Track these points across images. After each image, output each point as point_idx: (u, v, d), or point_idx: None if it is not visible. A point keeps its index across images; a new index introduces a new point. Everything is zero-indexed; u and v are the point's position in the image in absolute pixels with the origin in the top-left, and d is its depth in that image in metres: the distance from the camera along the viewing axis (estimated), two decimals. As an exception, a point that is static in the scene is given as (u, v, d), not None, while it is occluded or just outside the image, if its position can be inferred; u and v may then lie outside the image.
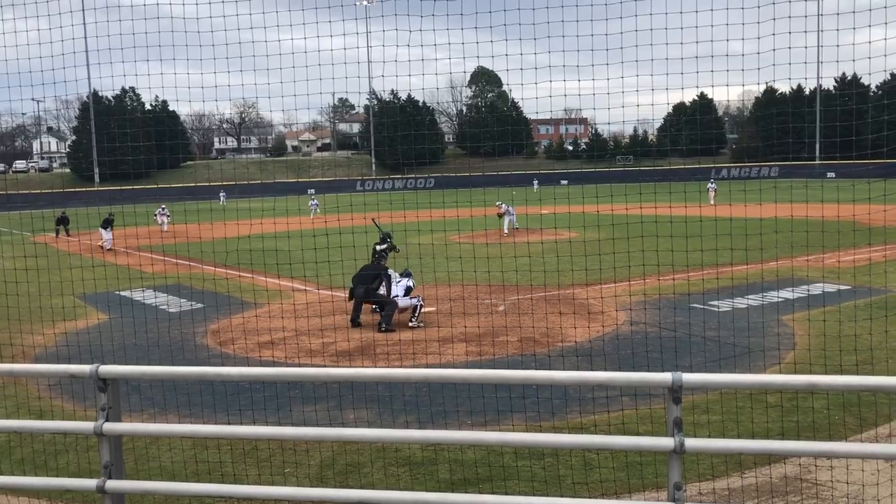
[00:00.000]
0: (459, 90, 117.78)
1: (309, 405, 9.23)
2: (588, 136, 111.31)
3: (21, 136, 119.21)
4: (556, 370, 10.28)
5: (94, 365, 4.63)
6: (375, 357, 12.09)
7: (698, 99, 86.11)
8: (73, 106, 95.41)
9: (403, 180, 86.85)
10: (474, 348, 12.34)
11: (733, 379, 4.45)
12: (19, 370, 7.07)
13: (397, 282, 14.89)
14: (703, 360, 10.92)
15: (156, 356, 12.33)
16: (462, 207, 14.89)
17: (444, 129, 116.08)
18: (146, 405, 9.48)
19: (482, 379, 4.41)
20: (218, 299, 17.58)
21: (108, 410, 4.57)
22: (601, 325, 13.74)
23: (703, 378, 4.21)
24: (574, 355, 11.58)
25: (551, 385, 4.07)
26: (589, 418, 8.55)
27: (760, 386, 5.21)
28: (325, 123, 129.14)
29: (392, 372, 4.81)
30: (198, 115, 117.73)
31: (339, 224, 12.25)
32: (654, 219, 10.53)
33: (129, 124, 79.01)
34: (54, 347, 13.51)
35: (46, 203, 50.22)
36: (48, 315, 15.42)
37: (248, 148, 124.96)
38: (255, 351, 12.86)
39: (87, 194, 65.38)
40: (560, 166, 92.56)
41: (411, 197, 42.42)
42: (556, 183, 69.90)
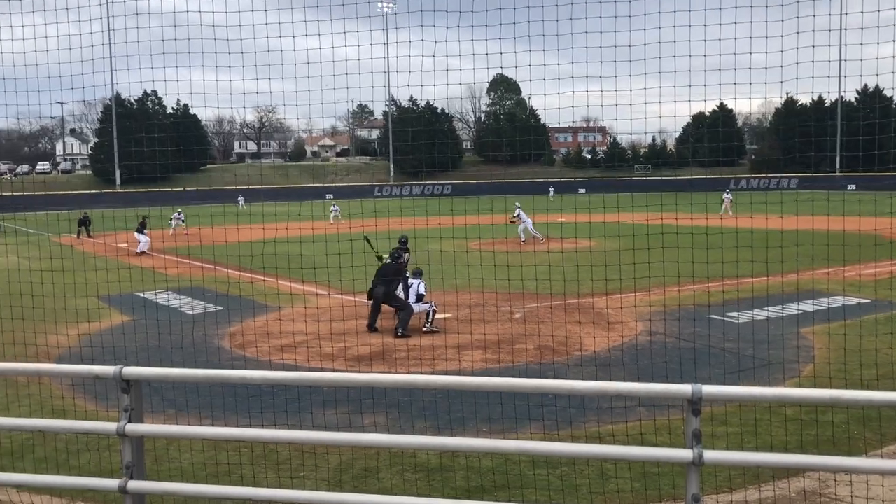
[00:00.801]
0: (478, 98, 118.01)
1: (326, 408, 9.28)
2: (606, 144, 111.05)
3: (45, 138, 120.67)
4: (574, 379, 10.29)
5: (118, 366, 4.70)
6: (392, 362, 12.13)
7: (718, 109, 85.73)
8: (95, 108, 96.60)
9: (421, 186, 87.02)
10: (491, 355, 12.35)
11: (754, 392, 4.43)
12: (45, 370, 7.17)
13: (409, 284, 14.95)
14: (722, 372, 10.87)
15: (176, 358, 12.43)
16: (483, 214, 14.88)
17: (462, 136, 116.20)
18: (165, 406, 9.57)
19: (502, 387, 4.43)
20: (237, 302, 17.71)
21: (130, 411, 4.63)
22: (619, 335, 13.70)
23: (724, 391, 4.21)
24: (591, 365, 11.56)
25: (570, 395, 4.08)
26: (606, 428, 8.53)
27: (781, 399, 5.19)
28: (345, 129, 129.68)
29: (411, 378, 4.85)
30: (218, 120, 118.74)
31: (361, 229, 12.32)
32: (675, 229, 10.51)
33: (151, 128, 79.83)
34: (77, 347, 13.66)
35: (69, 204, 50.77)
36: (70, 316, 15.59)
37: (268, 152, 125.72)
38: (273, 354, 12.94)
39: (109, 196, 66.06)
40: (578, 175, 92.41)
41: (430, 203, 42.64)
42: (573, 191, 69.82)
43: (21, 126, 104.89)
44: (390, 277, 14.77)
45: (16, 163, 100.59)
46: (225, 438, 5.48)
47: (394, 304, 14.69)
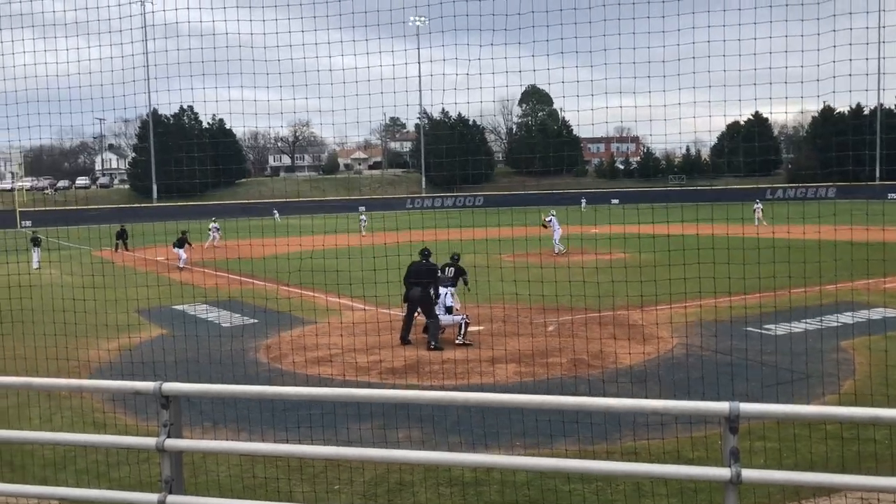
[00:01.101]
0: (510, 109, 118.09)
1: (361, 422, 9.32)
2: (640, 154, 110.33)
3: (84, 154, 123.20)
4: (609, 394, 10.21)
5: (157, 382, 4.78)
6: (424, 375, 12.14)
7: (753, 118, 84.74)
8: (133, 124, 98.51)
9: (453, 198, 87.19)
10: (524, 368, 12.31)
11: (793, 410, 4.37)
12: (87, 386, 7.32)
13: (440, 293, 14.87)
14: (759, 386, 10.71)
15: (213, 371, 12.57)
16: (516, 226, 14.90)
17: (493, 147, 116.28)
18: (203, 419, 9.68)
19: (536, 404, 4.42)
20: (272, 315, 17.87)
21: (169, 427, 4.71)
22: (654, 349, 13.58)
23: (762, 408, 4.16)
24: (626, 378, 11.46)
25: (605, 412, 4.06)
26: (642, 443, 8.45)
27: (820, 418, 5.08)
28: (377, 142, 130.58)
29: (445, 395, 4.86)
30: (253, 134, 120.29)
31: (396, 242, 12.38)
32: (711, 241, 10.41)
33: (188, 143, 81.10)
34: (117, 360, 13.90)
35: (108, 218, 51.68)
36: (109, 329, 15.87)
37: (302, 166, 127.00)
38: (308, 367, 13.04)
39: (146, 210, 67.20)
40: (611, 185, 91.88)
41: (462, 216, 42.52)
42: (606, 202, 69.42)
43: (62, 142, 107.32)
44: (425, 279, 14.64)
45: (56, 178, 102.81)
46: (262, 454, 5.54)
47: (427, 307, 14.60)
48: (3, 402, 10.61)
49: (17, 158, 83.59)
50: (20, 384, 6.60)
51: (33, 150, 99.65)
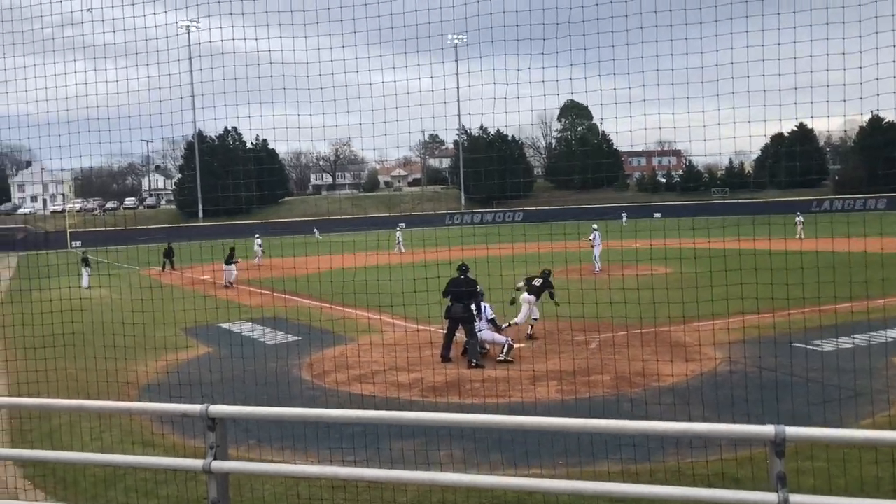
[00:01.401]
0: (549, 124, 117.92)
1: (403, 440, 9.36)
2: (682, 167, 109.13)
3: (131, 175, 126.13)
4: (652, 414, 10.09)
5: (204, 405, 4.88)
6: (466, 393, 12.14)
7: (797, 129, 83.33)
8: (179, 145, 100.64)
9: (492, 214, 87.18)
10: (565, 387, 12.24)
11: (841, 434, 4.29)
12: (136, 408, 7.49)
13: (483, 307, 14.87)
14: (806, 404, 10.48)
15: (258, 390, 12.74)
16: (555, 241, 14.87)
17: (532, 162, 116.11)
18: (247, 437, 9.81)
19: (577, 428, 4.42)
20: (315, 333, 18.06)
21: (215, 449, 4.80)
22: (697, 366, 13.39)
23: (809, 432, 4.09)
24: (670, 398, 11.31)
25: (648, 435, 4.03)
26: (686, 463, 8.33)
27: (870, 443, 4.95)
28: (416, 159, 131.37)
29: (485, 418, 4.88)
30: (295, 153, 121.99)
31: (435, 258, 12.43)
32: (753, 252, 10.26)
33: (232, 163, 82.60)
34: (166, 380, 14.16)
35: (155, 238, 52.77)
36: (156, 348, 16.19)
37: (343, 184, 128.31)
38: (350, 385, 13.14)
39: (191, 229, 68.43)
40: (653, 199, 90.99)
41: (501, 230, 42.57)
42: (648, 216, 68.77)
43: (111, 164, 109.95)
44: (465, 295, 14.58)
45: (105, 199, 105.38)
46: (308, 476, 5.60)
47: (467, 325, 14.58)
48: (56, 421, 10.88)
49: (68, 181, 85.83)
50: (73, 406, 6.78)
51: (83, 172, 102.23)
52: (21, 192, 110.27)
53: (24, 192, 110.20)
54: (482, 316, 14.78)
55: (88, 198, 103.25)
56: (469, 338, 14.56)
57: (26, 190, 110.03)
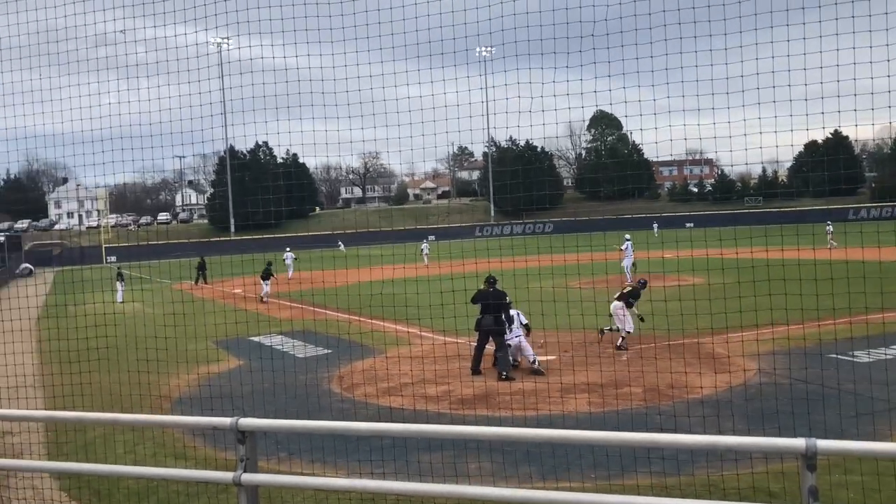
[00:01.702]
0: (578, 134, 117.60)
1: (432, 453, 9.34)
2: (714, 177, 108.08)
3: (165, 190, 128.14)
4: (685, 426, 9.97)
5: (234, 418, 4.92)
6: (495, 406, 12.09)
7: (832, 137, 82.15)
8: (211, 160, 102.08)
9: (522, 225, 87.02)
10: (596, 399, 12.14)
11: (873, 447, 4.19)
12: (168, 422, 7.58)
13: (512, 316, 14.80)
14: (840, 416, 10.28)
15: (288, 403, 12.82)
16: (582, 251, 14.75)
17: (562, 173, 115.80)
18: (277, 450, 9.87)
19: (606, 441, 4.37)
20: (344, 345, 18.14)
21: (245, 461, 4.83)
22: (730, 377, 13.20)
23: (841, 445, 4.01)
24: (703, 410, 11.16)
25: (677, 448, 3.97)
26: (718, 476, 8.21)
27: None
28: (445, 171, 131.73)
29: (514, 431, 4.85)
30: (325, 167, 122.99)
31: (462, 270, 12.44)
32: (781, 262, 10.11)
33: (263, 177, 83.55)
34: (198, 392, 14.31)
35: (188, 252, 53.43)
36: (189, 361, 16.38)
37: (373, 197, 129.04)
38: (380, 397, 13.16)
39: (223, 244, 69.23)
40: (685, 208, 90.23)
41: (531, 242, 42.39)
42: (680, 226, 68.16)
43: (144, 180, 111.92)
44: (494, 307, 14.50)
45: (139, 214, 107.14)
46: (336, 489, 5.61)
47: (497, 338, 14.53)
48: (91, 434, 11.05)
49: (103, 196, 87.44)
50: (108, 419, 6.88)
51: (117, 187, 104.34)
52: (57, 209, 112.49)
53: (61, 209, 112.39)
54: (513, 325, 14.73)
55: (123, 213, 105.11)
56: (498, 350, 14.51)
57: (62, 206, 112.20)
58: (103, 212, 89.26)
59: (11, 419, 10.38)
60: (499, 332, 14.45)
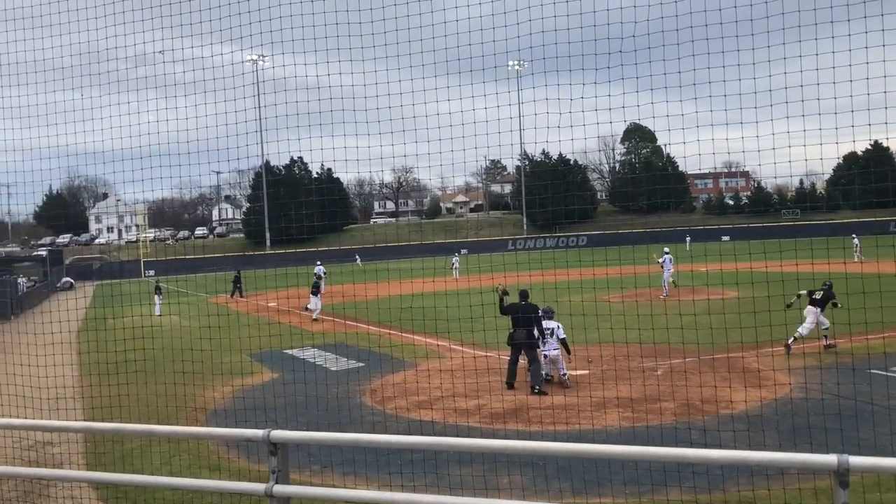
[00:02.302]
0: (612, 147, 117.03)
1: (462, 467, 9.34)
2: (750, 189, 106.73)
3: (202, 205, 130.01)
4: (722, 442, 9.85)
5: (266, 430, 4.99)
6: (528, 420, 12.05)
7: (871, 148, 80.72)
8: (248, 176, 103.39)
9: (555, 239, 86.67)
10: (629, 414, 12.04)
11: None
12: (203, 433, 7.69)
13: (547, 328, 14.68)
14: (875, 432, 10.06)
15: (321, 415, 12.91)
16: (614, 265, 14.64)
17: (596, 186, 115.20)
18: (310, 462, 9.93)
19: (640, 456, 4.36)
20: (377, 358, 18.21)
21: (277, 473, 4.89)
22: (769, 393, 13.01)
23: (873, 462, 3.94)
24: (740, 425, 11.01)
25: (706, 463, 3.94)
26: (751, 493, 8.08)
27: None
28: (478, 185, 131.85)
29: (547, 445, 4.86)
30: (359, 181, 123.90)
31: (490, 283, 12.45)
32: (812, 276, 9.95)
33: (298, 192, 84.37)
34: (233, 404, 14.47)
35: (224, 266, 54.16)
36: (224, 373, 16.57)
37: (405, 211, 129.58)
38: (410, 411, 13.18)
39: (259, 257, 70.02)
40: (721, 221, 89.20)
41: (564, 255, 42.19)
42: (716, 239, 67.39)
43: (182, 195, 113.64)
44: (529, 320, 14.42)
45: (177, 229, 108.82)
46: (366, 501, 5.66)
47: (530, 352, 14.46)
48: (128, 445, 11.24)
49: (142, 211, 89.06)
50: (144, 431, 7.01)
51: (156, 202, 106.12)
52: (98, 224, 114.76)
53: (101, 224, 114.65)
54: (547, 338, 14.60)
55: (161, 228, 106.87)
56: (531, 364, 14.47)
57: (103, 221, 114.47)
58: (142, 226, 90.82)
59: (52, 430, 10.62)
60: (531, 346, 14.40)
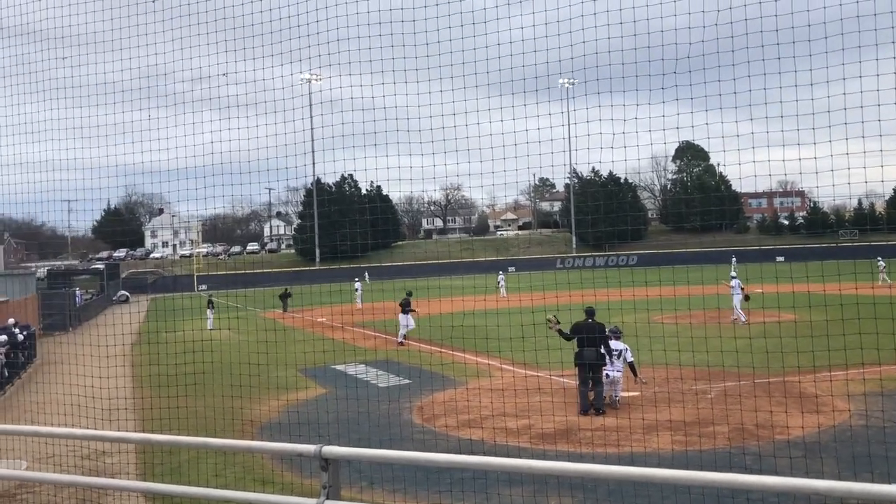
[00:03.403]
0: (663, 165, 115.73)
1: (512, 487, 9.28)
2: (806, 209, 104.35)
3: (254, 221, 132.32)
4: (778, 468, 9.60)
5: (318, 445, 5.04)
6: (577, 442, 11.92)
7: (935, 166, 78.20)
8: (299, 193, 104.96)
9: (605, 258, 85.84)
10: (681, 437, 11.81)
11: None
12: (255, 447, 7.80)
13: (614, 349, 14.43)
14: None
15: (370, 432, 12.97)
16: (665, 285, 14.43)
17: (647, 205, 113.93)
18: (360, 478, 9.98)
19: (689, 481, 4.28)
20: (425, 375, 18.23)
21: (328, 489, 4.93)
22: (828, 419, 12.64)
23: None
24: (797, 452, 10.72)
25: (761, 490, 3.84)
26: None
27: None
28: (526, 202, 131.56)
29: (596, 468, 4.80)
30: (408, 199, 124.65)
31: (543, 302, 12.38)
32: (873, 300, 9.67)
33: (348, 209, 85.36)
34: (283, 419, 14.63)
35: (276, 281, 54.92)
36: (274, 388, 16.78)
37: (453, 228, 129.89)
38: (459, 430, 13.15)
39: (311, 273, 70.84)
40: (775, 242, 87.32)
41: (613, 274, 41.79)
42: (770, 260, 65.95)
43: (234, 211, 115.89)
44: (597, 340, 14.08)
45: (229, 244, 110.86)
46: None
47: (597, 373, 14.03)
48: (183, 456, 11.44)
49: (196, 227, 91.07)
50: (199, 444, 7.14)
51: (209, 218, 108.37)
52: (153, 238, 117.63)
53: (156, 238, 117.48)
54: (614, 359, 14.28)
55: (214, 243, 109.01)
56: (596, 385, 14.13)
57: (158, 236, 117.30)
58: (196, 242, 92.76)
59: (110, 440, 10.86)
60: (599, 366, 14.07)
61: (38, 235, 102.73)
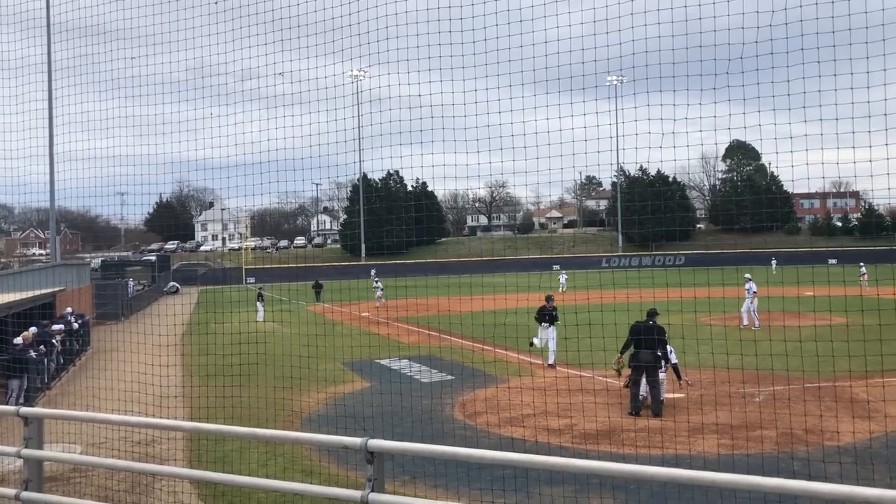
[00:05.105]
0: (713, 164, 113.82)
1: (552, 486, 9.27)
2: (860, 211, 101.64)
3: (301, 216, 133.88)
4: (828, 475, 9.42)
5: (364, 438, 5.11)
6: (619, 443, 11.84)
7: None
8: (345, 188, 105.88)
9: (651, 257, 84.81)
10: (727, 441, 11.65)
11: None
12: (303, 438, 7.94)
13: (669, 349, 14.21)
14: None
15: (413, 426, 13.06)
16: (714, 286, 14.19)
17: (695, 204, 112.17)
18: (402, 472, 10.06)
19: (735, 485, 4.24)
20: (468, 372, 18.28)
21: (373, 481, 5.00)
22: (880, 426, 12.34)
23: None
24: (847, 458, 10.48)
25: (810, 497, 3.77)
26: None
27: None
28: (572, 200, 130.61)
29: (638, 469, 4.79)
30: (453, 195, 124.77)
31: (600, 300, 12.32)
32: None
33: (394, 205, 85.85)
34: (327, 411, 14.83)
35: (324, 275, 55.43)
36: (320, 380, 16.99)
37: (498, 225, 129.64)
38: (500, 427, 13.17)
39: (355, 268, 71.43)
40: (828, 243, 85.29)
41: (661, 274, 41.24)
42: (822, 262, 64.46)
43: (281, 206, 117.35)
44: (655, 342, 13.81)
45: (277, 238, 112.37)
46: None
47: (651, 377, 13.82)
48: (229, 446, 11.67)
49: (245, 221, 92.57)
50: (247, 434, 7.28)
51: (258, 212, 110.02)
52: (203, 231, 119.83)
53: (206, 231, 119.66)
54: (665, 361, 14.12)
55: (262, 237, 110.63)
56: (652, 388, 13.95)
57: (208, 229, 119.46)
58: (244, 235, 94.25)
59: (162, 428, 11.15)
60: (655, 369, 13.83)
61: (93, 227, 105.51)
